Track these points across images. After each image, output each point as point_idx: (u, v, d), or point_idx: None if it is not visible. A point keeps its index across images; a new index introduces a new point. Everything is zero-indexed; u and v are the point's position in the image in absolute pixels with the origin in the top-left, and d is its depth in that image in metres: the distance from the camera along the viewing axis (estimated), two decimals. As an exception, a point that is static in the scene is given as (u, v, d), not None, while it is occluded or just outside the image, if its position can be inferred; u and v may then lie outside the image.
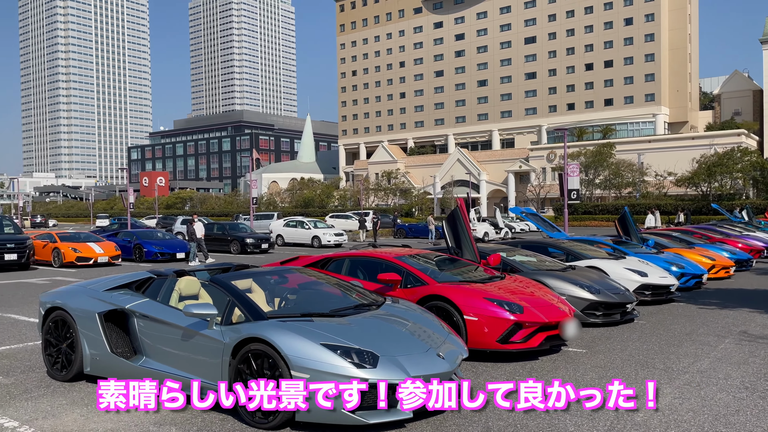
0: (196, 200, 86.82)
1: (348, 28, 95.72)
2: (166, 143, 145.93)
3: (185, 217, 41.76)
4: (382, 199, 73.29)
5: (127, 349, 5.87)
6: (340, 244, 30.29)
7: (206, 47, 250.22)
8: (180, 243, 23.24)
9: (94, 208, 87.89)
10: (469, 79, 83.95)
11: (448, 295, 7.22)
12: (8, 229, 19.85)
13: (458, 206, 9.52)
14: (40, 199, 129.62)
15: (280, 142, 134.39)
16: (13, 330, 9.01)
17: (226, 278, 5.85)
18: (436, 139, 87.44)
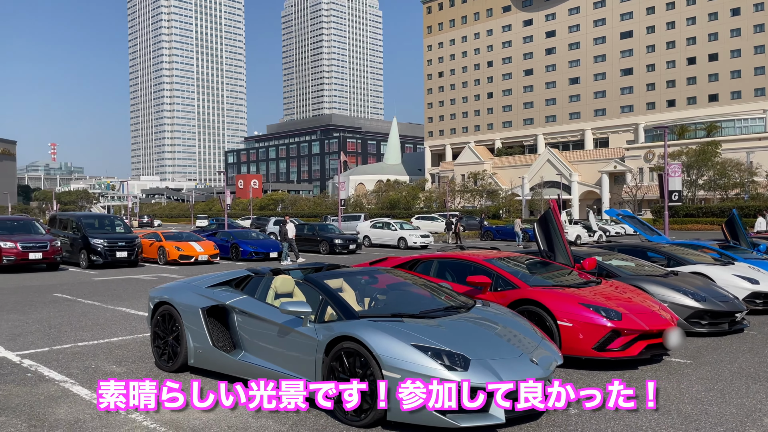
0: (287, 202, 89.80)
1: (435, 30, 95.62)
2: (260, 147, 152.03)
3: (277, 218, 43.32)
4: (468, 200, 72.53)
5: (227, 343, 6.16)
6: (426, 246, 30.30)
7: (297, 53, 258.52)
8: (273, 243, 24.12)
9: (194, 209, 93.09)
10: (560, 77, 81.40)
11: (541, 299, 7.03)
12: (119, 228, 21.41)
13: (550, 208, 9.25)
14: (146, 201, 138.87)
15: (367, 145, 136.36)
16: (124, 322, 9.70)
17: (319, 277, 6.01)
18: (525, 139, 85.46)
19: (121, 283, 15.49)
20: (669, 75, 72.48)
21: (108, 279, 16.36)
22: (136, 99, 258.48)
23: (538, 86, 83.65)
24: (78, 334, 8.68)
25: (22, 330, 9.02)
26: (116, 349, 7.75)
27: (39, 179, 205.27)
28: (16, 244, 17.83)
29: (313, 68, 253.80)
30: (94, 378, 6.32)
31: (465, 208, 67.95)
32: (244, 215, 73.33)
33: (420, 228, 35.74)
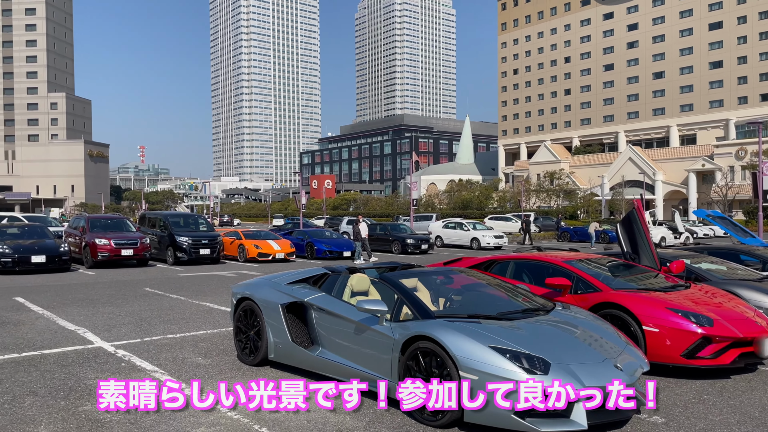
0: (359, 202, 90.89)
1: (510, 26, 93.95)
2: (333, 148, 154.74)
3: (350, 218, 43.92)
4: (543, 201, 70.76)
5: (305, 339, 6.31)
6: (499, 247, 29.83)
7: (370, 54, 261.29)
8: (346, 242, 24.49)
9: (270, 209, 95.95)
10: (643, 71, 77.92)
11: (625, 303, 6.75)
12: (202, 227, 22.39)
13: (635, 208, 8.88)
14: (227, 201, 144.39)
15: (439, 145, 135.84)
16: (208, 317, 10.14)
17: (394, 276, 6.05)
18: (605, 136, 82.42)
19: (205, 279, 16.18)
20: (763, 67, 67.84)
21: (192, 275, 17.14)
22: (218, 103, 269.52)
23: (619, 81, 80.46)
24: (166, 327, 9.15)
25: (116, 322, 9.61)
26: (201, 341, 8.11)
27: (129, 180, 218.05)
28: (110, 241, 19.01)
29: (386, 69, 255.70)
30: (182, 369, 6.64)
31: (540, 209, 66.33)
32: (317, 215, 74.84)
33: (493, 228, 35.23)
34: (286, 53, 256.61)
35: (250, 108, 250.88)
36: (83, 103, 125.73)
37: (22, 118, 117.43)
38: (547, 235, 41.41)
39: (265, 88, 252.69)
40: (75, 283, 15.07)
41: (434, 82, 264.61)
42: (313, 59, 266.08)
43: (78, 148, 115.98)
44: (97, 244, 18.86)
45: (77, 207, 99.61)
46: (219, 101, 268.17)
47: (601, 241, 35.38)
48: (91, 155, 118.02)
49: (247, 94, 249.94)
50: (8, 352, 7.44)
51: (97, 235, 19.25)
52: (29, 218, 29.20)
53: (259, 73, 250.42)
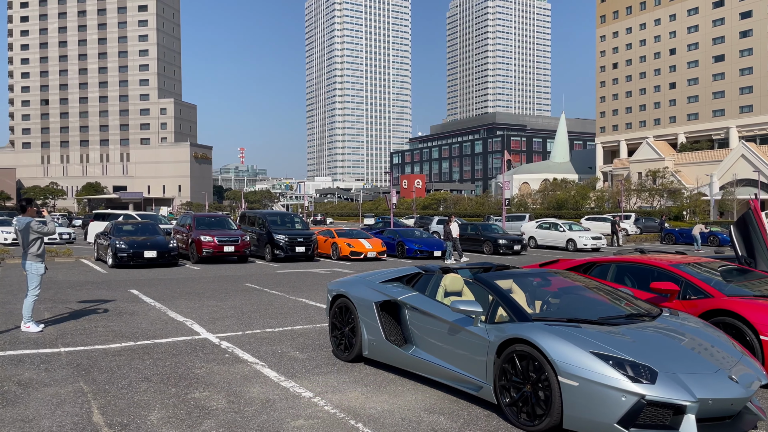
0: (449, 201, 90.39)
1: (609, 19, 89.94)
2: (423, 147, 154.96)
3: (441, 217, 43.78)
4: (645, 200, 67.10)
5: (399, 337, 6.36)
6: (597, 249, 28.65)
7: (462, 52, 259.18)
8: (437, 242, 24.44)
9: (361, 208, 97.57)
10: (758, 62, 72.01)
11: (739, 310, 6.27)
12: (298, 225, 23.14)
13: (751, 209, 8.23)
14: (320, 200, 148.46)
15: (532, 143, 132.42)
16: (304, 312, 10.47)
17: (489, 277, 5.95)
18: (714, 132, 76.94)
19: (300, 275, 16.72)
20: None
21: (288, 272, 17.76)
22: (312, 105, 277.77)
23: (730, 73, 74.86)
24: (266, 321, 9.55)
25: (220, 315, 10.14)
26: (298, 336, 8.39)
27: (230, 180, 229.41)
28: (213, 238, 20.09)
29: (477, 66, 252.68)
30: (281, 362, 6.90)
31: (642, 209, 62.97)
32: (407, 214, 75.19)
33: (590, 230, 33.87)
34: (377, 54, 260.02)
35: (342, 109, 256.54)
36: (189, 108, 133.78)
37: (135, 122, 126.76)
38: (650, 236, 39.27)
39: (357, 89, 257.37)
40: (182, 277, 16.06)
41: (528, 78, 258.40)
42: (404, 59, 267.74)
43: (184, 151, 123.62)
44: (202, 241, 19.99)
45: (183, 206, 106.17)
46: (313, 103, 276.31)
47: (709, 244, 33.11)
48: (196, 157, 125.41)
49: (339, 96, 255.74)
50: (125, 341, 8.05)
51: (202, 232, 20.39)
52: (142, 216, 31.44)
53: (351, 74, 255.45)
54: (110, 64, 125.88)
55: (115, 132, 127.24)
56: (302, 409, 5.24)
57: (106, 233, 20.10)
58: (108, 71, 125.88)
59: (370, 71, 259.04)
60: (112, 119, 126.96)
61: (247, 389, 5.82)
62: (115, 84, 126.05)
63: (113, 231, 19.77)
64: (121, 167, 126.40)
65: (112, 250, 18.33)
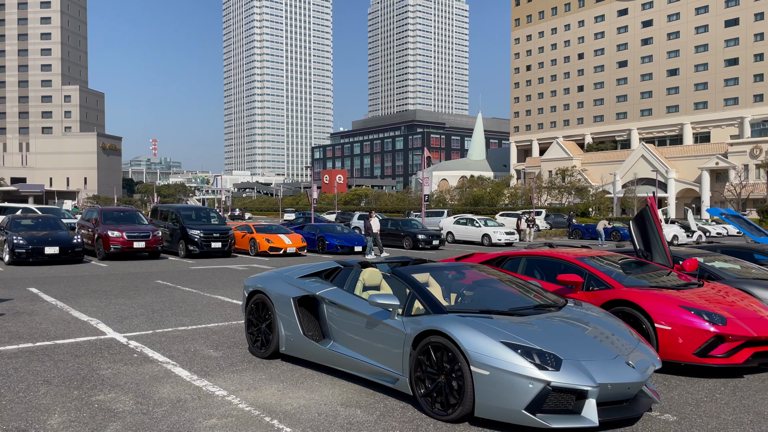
0: (371, 197, 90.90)
1: (523, 22, 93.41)
2: (345, 143, 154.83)
3: (362, 213, 43.96)
4: (555, 198, 70.42)
5: (317, 332, 6.33)
6: (511, 243, 29.74)
7: (383, 50, 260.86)
8: (357, 237, 24.51)
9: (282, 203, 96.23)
10: (657, 68, 77.24)
11: (637, 300, 6.71)
12: (214, 220, 22.50)
13: (648, 206, 8.81)
14: (238, 195, 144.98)
15: (451, 140, 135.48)
16: (219, 310, 10.20)
17: (406, 271, 6.04)
18: (617, 134, 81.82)
19: (216, 272, 16.27)
20: (781, 64, 67.00)
21: (204, 268, 17.24)
22: (230, 97, 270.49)
23: (632, 78, 79.82)
24: (178, 319, 9.22)
25: (128, 313, 9.69)
26: (213, 334, 8.16)
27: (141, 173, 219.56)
28: (122, 234, 19.16)
29: (398, 64, 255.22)
30: (194, 361, 6.69)
31: (552, 206, 66.01)
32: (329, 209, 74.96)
33: (504, 225, 35.12)
34: (298, 47, 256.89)
35: (262, 102, 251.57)
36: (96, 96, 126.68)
37: (36, 110, 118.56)
38: (559, 232, 41.22)
39: (278, 82, 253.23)
40: (87, 274, 15.21)
41: (447, 77, 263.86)
42: (326, 54, 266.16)
43: (91, 141, 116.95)
44: (109, 237, 19.02)
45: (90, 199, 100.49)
46: (231, 95, 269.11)
47: (611, 239, 35.18)
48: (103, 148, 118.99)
49: (259, 89, 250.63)
50: (23, 342, 7.53)
51: (109, 227, 19.40)
52: (43, 210, 29.48)
53: (272, 67, 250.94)
54: (8, 47, 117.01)
55: (14, 120, 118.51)
56: (215, 408, 5.11)
57: (2, 228, 18.70)
58: (6, 55, 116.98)
59: (291, 64, 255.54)
60: (10, 106, 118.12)
61: (156, 390, 5.60)
62: (14, 69, 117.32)
63: (10, 225, 18.42)
64: (20, 157, 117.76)
65: (9, 245, 17.09)
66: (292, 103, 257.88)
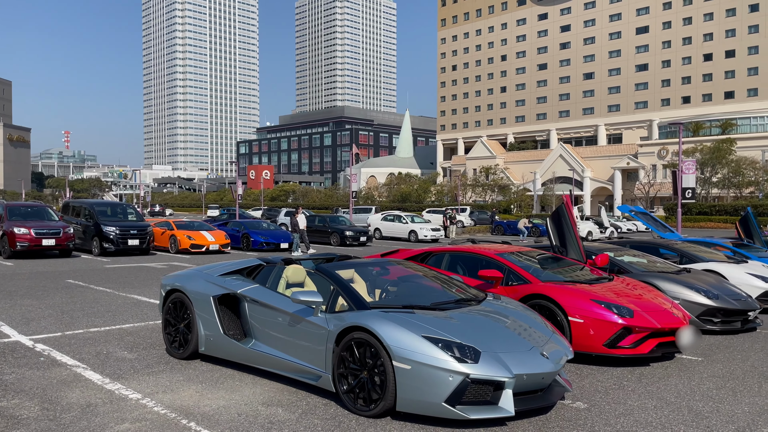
0: (298, 193, 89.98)
1: (449, 23, 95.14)
2: (272, 138, 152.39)
3: (288, 209, 43.43)
4: (479, 195, 72.34)
5: (238, 331, 6.19)
6: (437, 239, 30.27)
7: (310, 45, 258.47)
8: (284, 234, 24.20)
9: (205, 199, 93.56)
10: (575, 72, 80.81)
11: (552, 295, 6.99)
12: (131, 216, 21.56)
13: (564, 203, 9.19)
14: (158, 190, 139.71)
15: (379, 138, 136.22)
16: (136, 309, 9.78)
17: (330, 268, 6.01)
18: (538, 134, 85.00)
19: (133, 270, 15.60)
20: (684, 71, 71.74)
21: (120, 266, 16.49)
22: (150, 88, 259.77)
23: (551, 81, 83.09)
24: (90, 320, 8.77)
25: (36, 315, 9.12)
26: (128, 335, 7.82)
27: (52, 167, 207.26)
28: (29, 231, 18.01)
29: (326, 60, 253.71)
30: (106, 363, 6.38)
31: (477, 203, 67.76)
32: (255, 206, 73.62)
33: (431, 221, 35.69)
34: (223, 39, 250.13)
35: (184, 94, 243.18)
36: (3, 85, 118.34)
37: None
38: (483, 228, 42.36)
39: (201, 74, 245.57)
40: (-10, 274, 14.20)
41: (375, 74, 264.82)
42: (252, 46, 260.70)
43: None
44: (15, 234, 17.84)
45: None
46: (151, 86, 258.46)
47: (532, 235, 36.52)
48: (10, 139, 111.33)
49: (181, 80, 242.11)
50: None
51: (15, 223, 18.19)
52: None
53: (195, 58, 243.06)
54: None
55: None
56: (128, 411, 4.89)
57: None
58: None
59: (215, 56, 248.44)
60: None
61: (65, 394, 5.30)
62: None
63: None
64: None
65: None
66: (217, 96, 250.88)
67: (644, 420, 4.91)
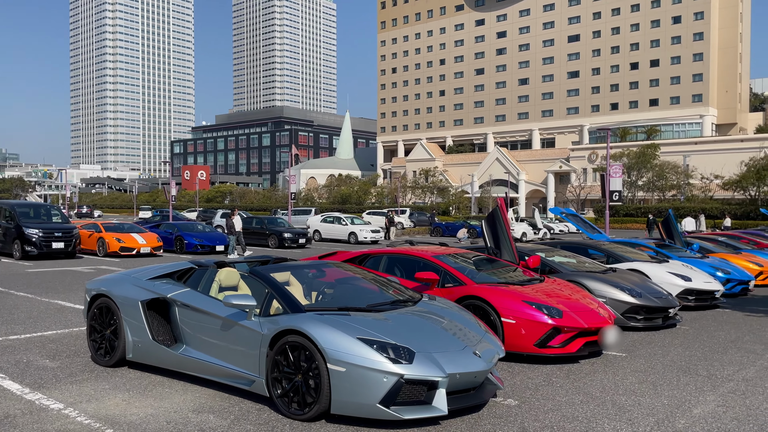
0: (235, 194, 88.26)
1: (389, 26, 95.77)
2: (208, 138, 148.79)
3: (225, 211, 42.53)
4: (419, 197, 73.14)
5: (168, 337, 6.01)
6: (376, 241, 30.38)
7: (248, 43, 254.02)
8: (219, 236, 23.67)
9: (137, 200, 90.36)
10: (510, 77, 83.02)
11: (486, 296, 7.15)
12: (56, 218, 20.55)
13: (498, 206, 9.41)
14: (86, 191, 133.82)
15: (319, 139, 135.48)
16: (59, 316, 9.32)
17: (265, 270, 5.92)
18: (475, 137, 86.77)
19: (57, 275, 14.88)
20: (613, 79, 75.00)
21: (43, 270, 15.68)
22: (77, 84, 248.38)
23: (488, 86, 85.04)
24: (9, 328, 8.29)
25: (-53, 323, 8.54)
26: (50, 342, 7.44)
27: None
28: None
29: (265, 59, 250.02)
30: (26, 372, 6.05)
31: (416, 204, 68.47)
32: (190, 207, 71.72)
33: (371, 223, 35.79)
34: (156, 35, 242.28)
35: (115, 91, 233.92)
36: None
37: None
38: (422, 230, 42.83)
39: (133, 70, 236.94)
40: None
41: (315, 75, 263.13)
42: (187, 43, 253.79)
43: None
44: (-74, 236, 16.65)
45: None
46: (79, 82, 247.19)
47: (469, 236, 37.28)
48: None
49: (111, 76, 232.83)
50: None
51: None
52: None
53: (126, 54, 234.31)
54: None
55: None
56: (49, 422, 4.65)
57: None
58: None
59: (148, 52, 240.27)
60: None
61: (-22, 408, 4.98)
62: None
63: None
64: None
65: None
66: (150, 94, 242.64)
67: (571, 415, 5.08)
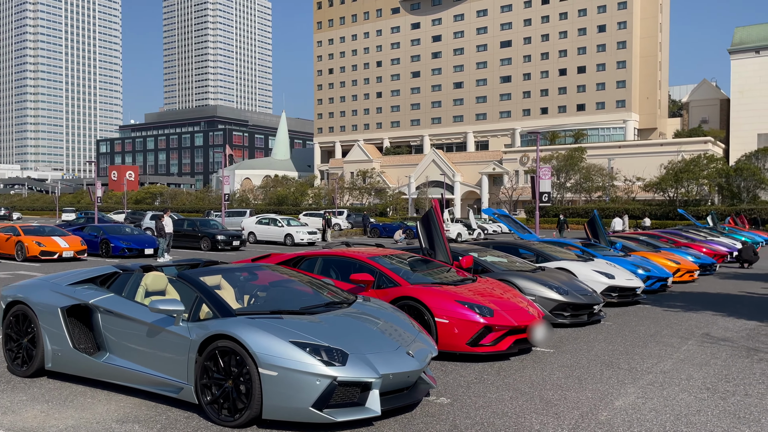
0: (166, 195, 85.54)
1: (325, 26, 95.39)
2: (137, 137, 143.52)
3: (154, 213, 41.12)
4: (357, 198, 73.19)
5: (90, 345, 5.75)
6: (313, 243, 30.17)
7: (180, 41, 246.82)
8: (149, 238, 22.85)
9: (60, 202, 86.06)
10: (445, 80, 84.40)
11: (420, 297, 7.23)
12: (-30, 221, 19.29)
13: (432, 207, 9.54)
14: (4, 192, 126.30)
15: (254, 139, 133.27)
16: (-29, 325, 8.74)
17: (194, 274, 5.76)
18: (412, 139, 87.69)
19: (-30, 281, 13.95)
20: (543, 84, 77.60)
21: (-46, 277, 14.67)
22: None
23: (424, 88, 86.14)
24: None
25: None
26: (-40, 354, 6.96)
27: None
28: None
29: (198, 58, 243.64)
30: (-69, 388, 5.64)
31: (354, 206, 68.47)
32: (117, 209, 68.91)
33: (308, 225, 35.49)
34: (81, 31, 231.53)
35: (35, 87, 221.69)
36: None
37: None
38: (359, 231, 42.88)
39: (55, 67, 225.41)
40: None
41: (249, 74, 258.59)
42: (114, 38, 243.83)
43: None
44: None
45: None
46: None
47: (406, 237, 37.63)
48: None
49: (32, 71, 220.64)
50: None
51: None
52: None
53: (48, 48, 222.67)
54: None
55: None
56: (-44, 441, 4.36)
57: None
58: None
59: (72, 48, 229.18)
60: None
61: None
62: None
63: None
64: None
65: None
66: (74, 91, 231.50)
67: (501, 411, 5.21)
